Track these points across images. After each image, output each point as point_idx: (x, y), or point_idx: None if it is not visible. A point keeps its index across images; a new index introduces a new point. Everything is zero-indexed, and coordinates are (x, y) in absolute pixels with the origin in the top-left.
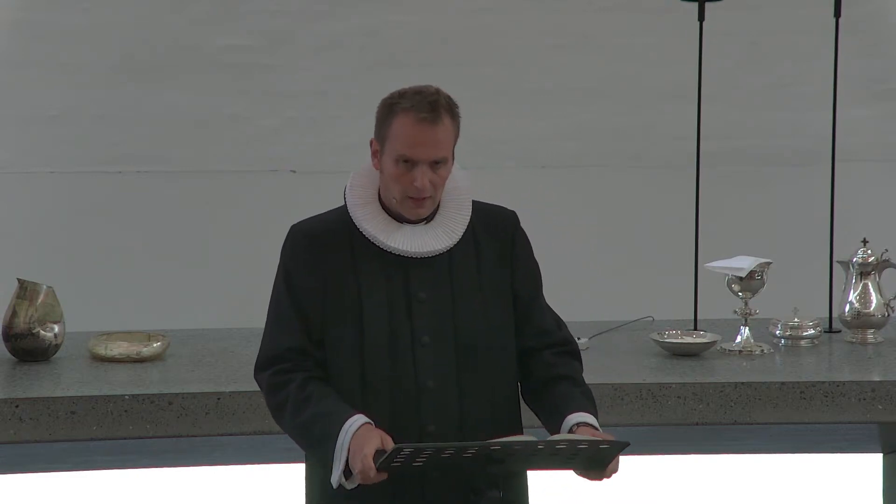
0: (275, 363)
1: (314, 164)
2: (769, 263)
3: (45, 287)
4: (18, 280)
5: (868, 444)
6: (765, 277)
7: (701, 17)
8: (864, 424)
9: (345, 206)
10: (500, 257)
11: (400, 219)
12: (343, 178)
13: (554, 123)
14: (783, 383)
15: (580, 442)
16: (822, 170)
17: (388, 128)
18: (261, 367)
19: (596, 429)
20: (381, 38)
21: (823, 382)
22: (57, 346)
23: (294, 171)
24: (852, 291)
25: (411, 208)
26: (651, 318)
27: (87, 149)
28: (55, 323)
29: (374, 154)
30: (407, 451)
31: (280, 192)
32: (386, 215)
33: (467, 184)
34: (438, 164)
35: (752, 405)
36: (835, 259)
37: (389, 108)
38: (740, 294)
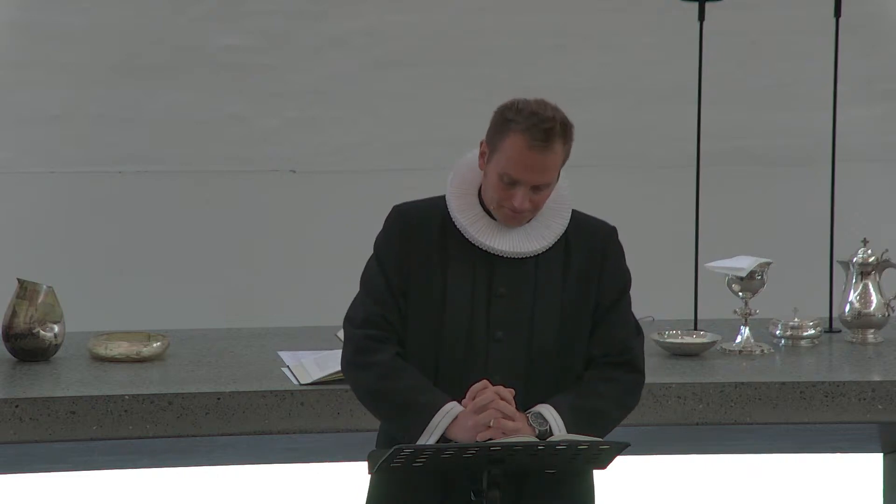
0: (369, 325)
1: (314, 164)
2: (769, 263)
3: (45, 287)
4: (18, 280)
5: (868, 444)
6: (765, 277)
7: (701, 17)
8: (864, 424)
9: (445, 194)
10: (589, 268)
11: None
12: (343, 178)
13: None
14: (783, 383)
15: (580, 442)
16: (822, 170)
17: (499, 141)
18: (357, 323)
19: (543, 421)
20: (381, 38)
21: (823, 382)
22: (57, 346)
23: (294, 171)
24: (852, 291)
25: (506, 217)
26: (651, 318)
27: (87, 149)
28: (55, 323)
29: (482, 155)
30: (407, 451)
31: (280, 192)
32: (481, 209)
33: (569, 193)
34: (541, 188)
35: (752, 405)
36: (835, 259)
37: (504, 123)
38: (740, 294)
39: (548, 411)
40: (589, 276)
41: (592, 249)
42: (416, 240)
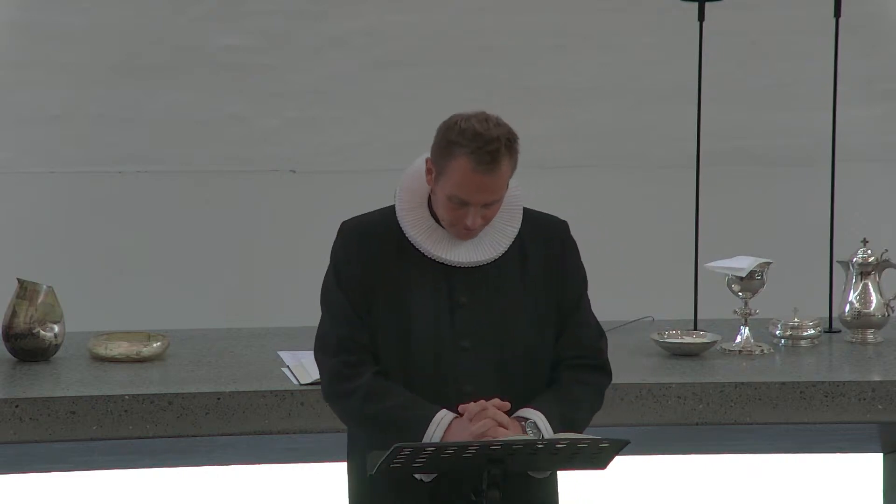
0: (342, 352)
1: (314, 164)
2: (769, 263)
3: (45, 287)
4: (18, 280)
5: (868, 444)
6: (765, 277)
7: (701, 17)
8: (864, 424)
9: (394, 206)
10: (547, 268)
11: None
12: (343, 178)
13: (554, 123)
14: (783, 383)
15: (580, 441)
16: (822, 170)
17: (444, 162)
18: (328, 351)
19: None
20: (381, 38)
21: (823, 382)
22: (57, 346)
23: (294, 171)
24: (852, 291)
25: (459, 234)
26: (651, 318)
27: (87, 149)
28: (55, 323)
29: (428, 172)
30: (407, 451)
31: (280, 192)
32: (433, 222)
33: (519, 192)
34: (491, 204)
35: (752, 405)
36: (835, 259)
37: (448, 145)
38: (740, 294)
39: (541, 420)
40: (548, 274)
41: (549, 247)
42: (373, 255)
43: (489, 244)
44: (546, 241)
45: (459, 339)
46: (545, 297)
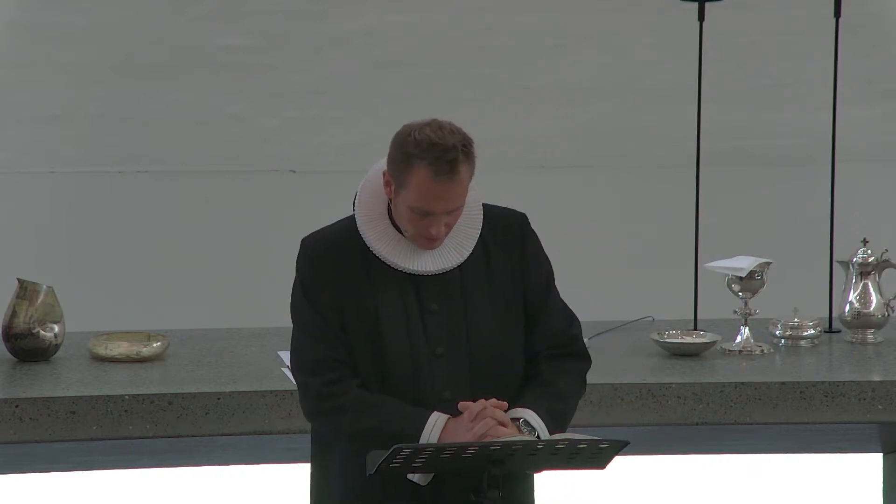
0: (322, 370)
1: (314, 164)
2: (769, 263)
3: (45, 287)
4: (18, 280)
5: (868, 444)
6: (765, 277)
7: (701, 17)
8: (864, 424)
9: (353, 216)
10: (511, 263)
11: None
12: (343, 178)
13: (554, 123)
14: (783, 383)
15: (580, 441)
16: (822, 170)
17: (403, 176)
18: (307, 370)
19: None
20: (381, 38)
21: (823, 382)
22: (57, 346)
23: (294, 171)
24: (852, 291)
25: (424, 244)
26: (651, 318)
27: (87, 149)
28: (55, 323)
29: (387, 185)
30: (406, 451)
31: (280, 192)
32: (395, 232)
33: (476, 193)
34: (454, 211)
35: (752, 405)
36: (835, 259)
37: (405, 157)
38: (740, 294)
39: (532, 417)
40: (512, 271)
41: (510, 243)
42: (339, 270)
43: (453, 249)
44: (506, 237)
45: (433, 346)
46: (512, 295)
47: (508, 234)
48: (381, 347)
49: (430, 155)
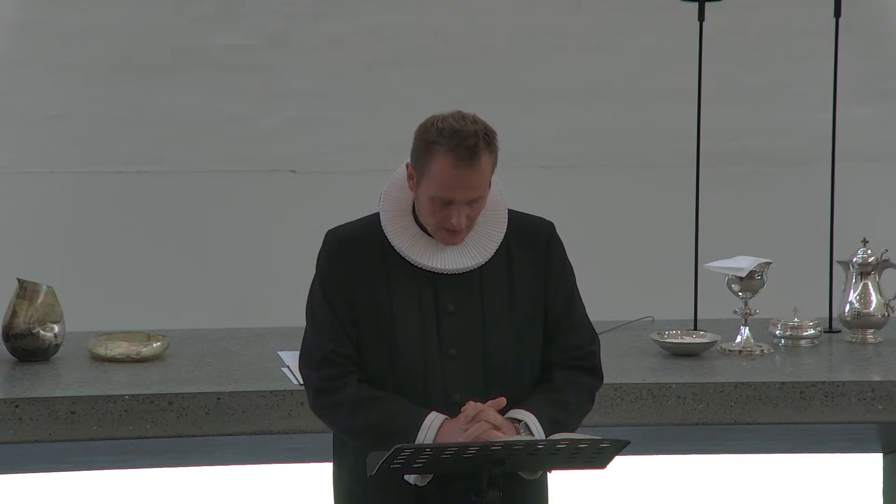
0: (325, 366)
1: (314, 164)
2: (769, 263)
3: (45, 287)
4: (18, 280)
5: (868, 444)
6: (765, 277)
7: (701, 17)
8: (864, 424)
9: (378, 213)
10: (534, 271)
11: None
12: (343, 178)
13: (554, 123)
14: (783, 383)
15: (581, 441)
16: (822, 170)
17: (424, 164)
18: (312, 366)
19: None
20: (381, 38)
21: (823, 382)
22: (57, 346)
23: (294, 171)
24: (852, 291)
25: (445, 238)
26: (651, 318)
27: (87, 149)
28: (55, 323)
29: (410, 177)
30: (407, 451)
31: (280, 192)
32: (418, 229)
33: (503, 196)
34: (475, 201)
35: (752, 405)
36: (835, 259)
37: (427, 146)
38: (740, 294)
39: (533, 424)
40: (535, 278)
41: (535, 251)
42: (359, 264)
43: (475, 250)
44: (532, 244)
45: (446, 346)
46: (532, 302)
47: (534, 240)
48: (393, 343)
49: (451, 142)
